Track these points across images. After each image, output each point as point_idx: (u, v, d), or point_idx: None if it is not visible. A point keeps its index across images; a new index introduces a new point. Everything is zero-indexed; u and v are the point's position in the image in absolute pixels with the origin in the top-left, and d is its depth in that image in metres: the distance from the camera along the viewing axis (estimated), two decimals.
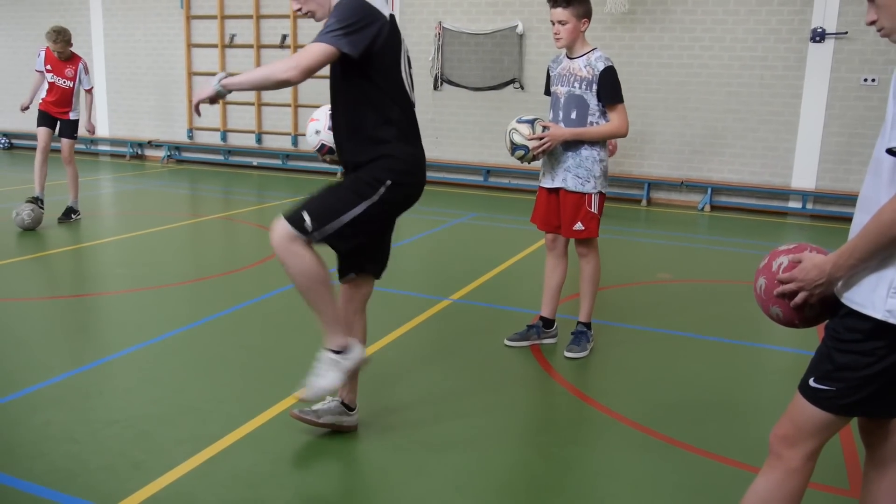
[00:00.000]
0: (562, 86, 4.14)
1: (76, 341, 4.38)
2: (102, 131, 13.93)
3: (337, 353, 2.98)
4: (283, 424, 3.30)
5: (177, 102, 13.21)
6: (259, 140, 12.61)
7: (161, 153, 13.33)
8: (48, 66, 7.46)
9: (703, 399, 3.77)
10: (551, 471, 3.06)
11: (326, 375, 2.96)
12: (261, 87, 2.89)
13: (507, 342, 4.43)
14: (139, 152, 13.61)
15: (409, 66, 3.16)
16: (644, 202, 10.09)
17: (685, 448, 3.23)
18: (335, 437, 3.24)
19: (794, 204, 9.64)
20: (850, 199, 9.26)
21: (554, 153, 4.16)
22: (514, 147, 4.08)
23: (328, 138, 3.28)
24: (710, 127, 9.86)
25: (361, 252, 3.13)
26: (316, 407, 3.25)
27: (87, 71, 7.60)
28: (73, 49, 7.55)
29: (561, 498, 2.85)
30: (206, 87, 2.85)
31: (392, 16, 3.00)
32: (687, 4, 9.71)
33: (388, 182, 2.93)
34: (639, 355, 4.37)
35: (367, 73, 2.91)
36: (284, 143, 12.29)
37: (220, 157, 12.99)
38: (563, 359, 4.23)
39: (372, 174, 2.93)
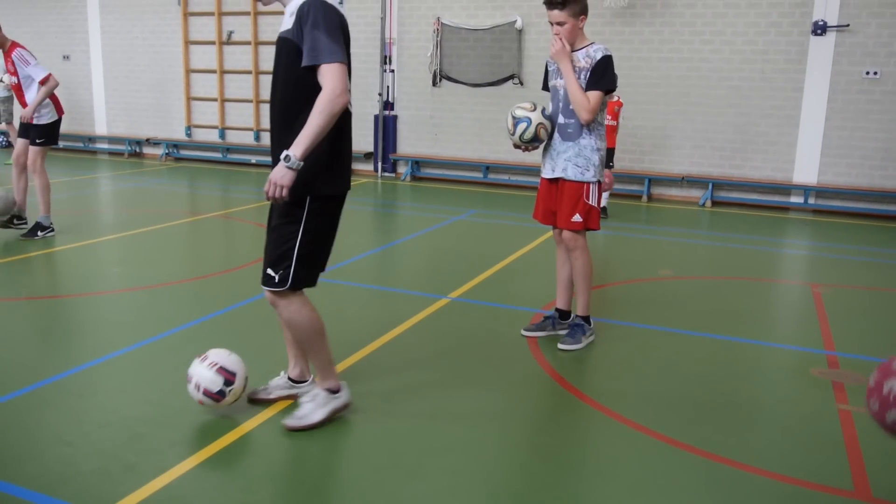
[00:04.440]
0: (561, 79, 4.13)
1: (71, 341, 4.33)
2: (100, 129, 13.90)
3: (332, 392, 3.26)
4: (279, 427, 3.25)
5: (174, 100, 13.17)
6: (257, 137, 12.56)
7: (159, 151, 13.29)
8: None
9: (704, 398, 3.72)
10: (550, 472, 3.02)
11: (318, 412, 3.23)
12: (325, 128, 2.81)
13: (523, 332, 4.49)
14: (137, 150, 13.57)
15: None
16: (644, 198, 10.03)
17: (686, 448, 3.19)
18: (329, 439, 3.20)
19: (796, 199, 9.58)
20: (853, 194, 9.23)
21: (553, 144, 4.20)
22: (517, 121, 4.10)
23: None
24: (711, 122, 9.80)
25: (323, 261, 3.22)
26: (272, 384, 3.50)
27: (24, 61, 6.51)
28: (10, 38, 6.70)
29: (560, 500, 2.80)
30: (282, 172, 2.80)
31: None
32: None
33: (309, 197, 2.97)
34: (640, 353, 4.32)
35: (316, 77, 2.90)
36: None
37: (218, 155, 12.94)
38: (563, 358, 4.19)
39: (294, 192, 2.90)
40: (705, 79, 9.74)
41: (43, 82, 6.52)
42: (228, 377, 3.24)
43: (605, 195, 9.25)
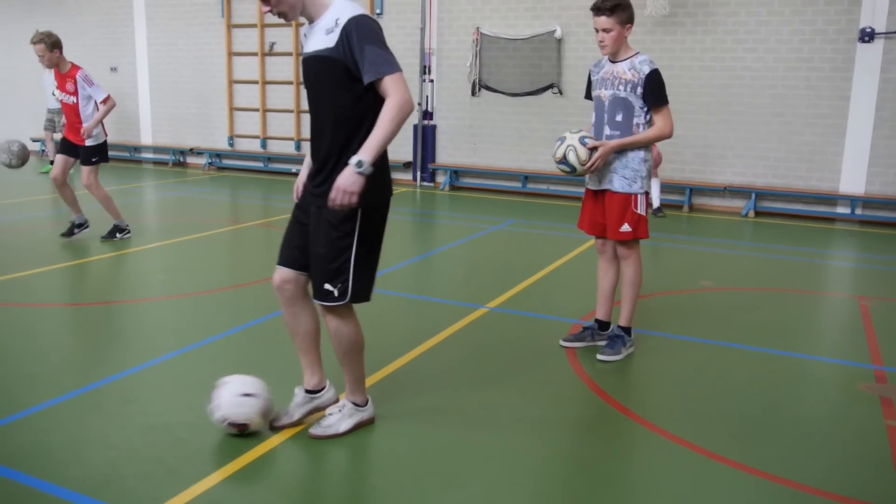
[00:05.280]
0: (605, 89, 4.12)
1: (116, 347, 4.41)
2: (146, 139, 14.18)
3: (358, 406, 3.31)
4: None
5: (217, 110, 13.39)
6: (298, 147, 12.70)
7: (202, 160, 13.52)
8: (55, 83, 6.87)
9: (747, 412, 3.66)
10: (589, 484, 2.99)
11: (345, 422, 3.27)
12: (394, 135, 2.85)
13: (561, 342, 4.47)
14: (181, 160, 13.82)
15: None
16: (686, 208, 9.91)
17: (728, 463, 3.13)
18: (367, 447, 3.21)
19: (843, 209, 9.38)
20: None
21: None
22: (565, 162, 4.06)
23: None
24: (754, 131, 9.66)
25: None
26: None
27: (89, 81, 6.74)
28: (69, 59, 6.84)
29: None
30: (352, 179, 2.79)
31: None
32: (730, 6, 9.53)
33: (360, 210, 2.97)
34: (680, 365, 4.27)
35: (369, 90, 2.90)
36: None
37: (259, 164, 13.12)
38: (602, 369, 4.15)
39: (341, 212, 2.92)
40: (748, 87, 9.60)
41: (104, 102, 6.77)
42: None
43: (656, 192, 9.15)
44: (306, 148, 12.58)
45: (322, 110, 3.00)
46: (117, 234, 7.14)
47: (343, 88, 2.90)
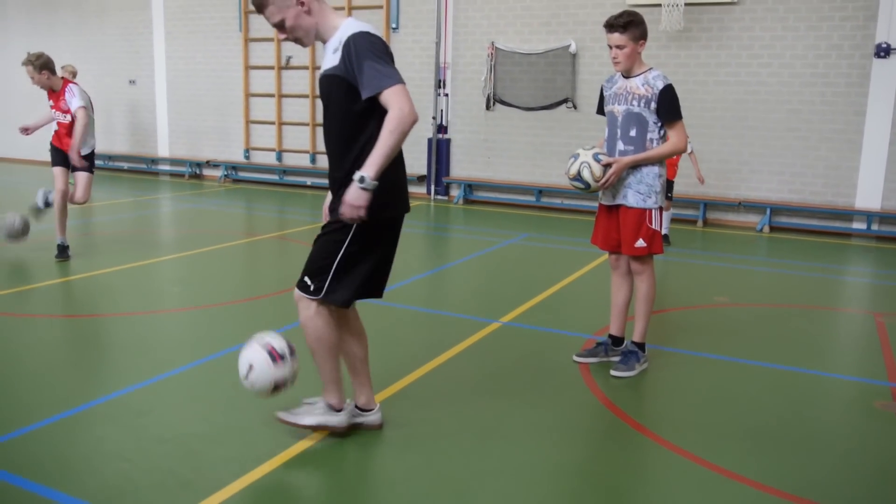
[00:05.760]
0: (619, 104, 4.13)
1: (131, 358, 4.44)
2: (163, 151, 14.31)
3: (331, 407, 3.33)
4: (331, 447, 3.29)
5: (234, 123, 13.50)
6: (313, 160, 12.78)
7: (218, 172, 13.62)
8: (50, 102, 6.78)
9: (762, 429, 3.63)
10: (601, 500, 2.98)
11: (309, 417, 3.32)
12: (396, 147, 2.86)
13: (575, 358, 4.47)
14: (197, 171, 13.93)
15: None
16: (700, 223, 9.88)
17: (742, 480, 3.11)
18: (381, 461, 3.22)
19: (859, 225, 9.33)
20: None
21: None
22: (579, 178, 4.07)
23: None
24: (769, 146, 9.63)
25: (371, 285, 3.22)
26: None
27: (72, 93, 6.63)
28: (63, 75, 6.73)
29: None
30: (357, 194, 2.82)
31: None
32: (745, 21, 9.54)
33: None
34: (694, 381, 4.25)
35: (376, 106, 2.91)
36: None
37: (275, 177, 13.20)
38: (615, 385, 4.14)
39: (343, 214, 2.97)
40: (764, 103, 9.58)
41: (67, 112, 6.63)
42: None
43: (666, 221, 9.13)
44: (321, 161, 12.68)
45: (335, 127, 3.05)
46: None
47: (351, 105, 2.94)
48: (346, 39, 2.88)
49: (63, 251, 6.80)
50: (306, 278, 3.14)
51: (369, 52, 2.85)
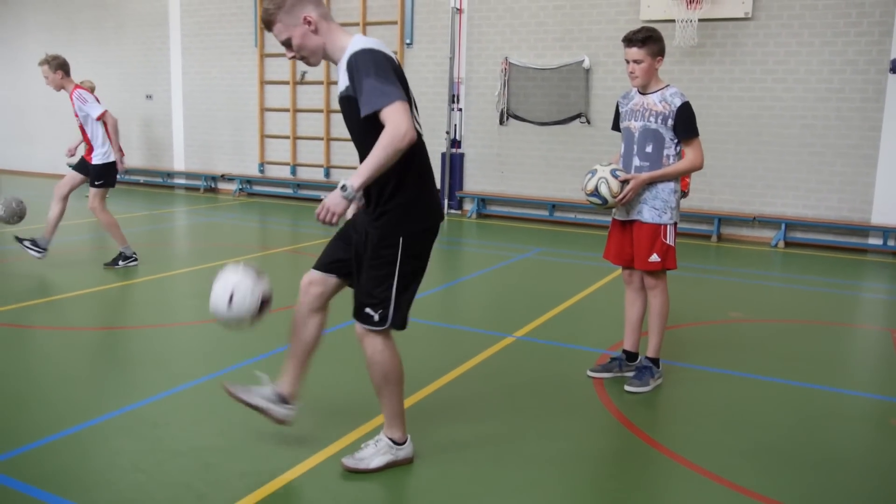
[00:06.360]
0: (635, 120, 4.15)
1: (147, 371, 4.47)
2: (178, 165, 14.43)
3: (395, 443, 3.25)
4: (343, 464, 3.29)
5: (249, 137, 13.60)
6: (327, 174, 12.85)
7: (233, 186, 13.71)
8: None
9: (778, 446, 3.61)
10: None
11: (377, 458, 3.23)
12: (387, 165, 2.79)
13: (589, 373, 4.46)
14: (212, 185, 14.03)
15: (415, 104, 3.10)
16: (714, 238, 9.85)
17: (757, 498, 3.09)
18: (393, 479, 3.21)
19: (875, 241, 9.27)
20: None
21: None
22: (596, 194, 4.07)
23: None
24: (784, 161, 9.60)
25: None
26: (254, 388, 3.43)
27: (83, 99, 6.73)
28: (75, 78, 6.93)
29: None
30: (337, 201, 2.77)
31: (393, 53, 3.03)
32: (758, 37, 9.54)
33: (401, 238, 3.02)
34: (709, 398, 4.23)
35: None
36: None
37: (289, 191, 13.27)
38: (630, 401, 4.12)
39: (384, 239, 3.01)
40: (778, 118, 9.56)
41: (99, 118, 6.73)
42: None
43: None
44: (336, 175, 12.76)
45: (358, 145, 3.06)
46: (120, 262, 6.98)
47: (366, 124, 2.89)
48: (349, 58, 2.87)
49: (27, 242, 6.90)
50: (368, 309, 3.06)
51: (370, 69, 2.81)
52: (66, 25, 15.39)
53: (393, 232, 3.01)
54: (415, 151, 2.94)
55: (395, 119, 2.74)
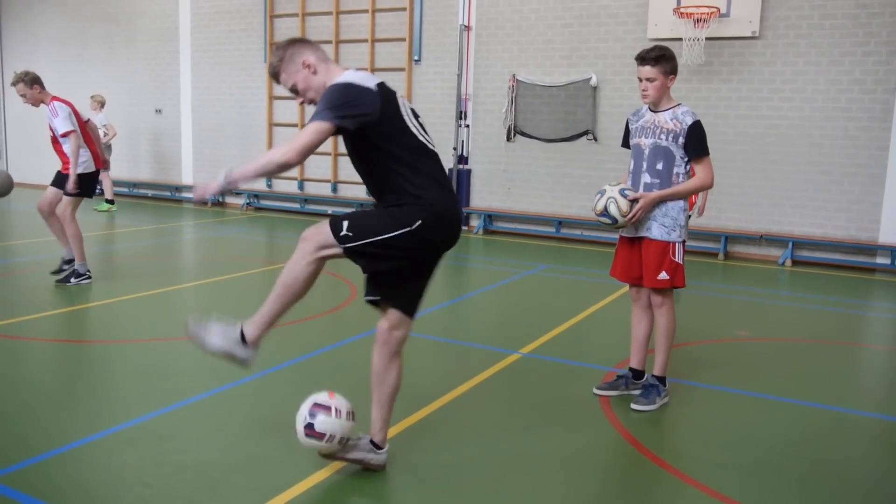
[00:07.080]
0: (646, 137, 4.16)
1: (153, 384, 4.48)
2: (187, 179, 14.50)
3: (244, 342, 3.38)
4: (351, 478, 3.29)
5: (257, 152, 13.66)
6: (335, 189, 12.89)
7: (241, 201, 13.76)
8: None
9: (786, 466, 3.59)
10: None
11: (214, 336, 3.40)
12: (264, 174, 3.01)
13: (595, 391, 4.45)
14: (220, 199, 14.08)
15: (418, 118, 3.23)
16: (721, 256, 9.84)
17: None
18: (399, 492, 3.21)
19: (883, 260, 9.24)
20: None
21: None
22: (606, 214, 4.09)
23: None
24: (791, 179, 9.60)
25: (388, 281, 3.31)
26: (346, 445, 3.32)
27: (55, 112, 6.64)
28: (52, 91, 6.91)
29: None
30: (214, 183, 3.05)
31: (381, 84, 3.11)
32: (766, 56, 9.56)
33: (420, 221, 3.08)
34: (716, 416, 4.21)
35: (377, 143, 3.06)
36: (359, 192, 12.50)
37: (296, 206, 13.32)
38: (636, 419, 4.11)
39: (408, 211, 3.08)
40: (785, 136, 9.57)
41: (63, 136, 6.64)
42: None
43: None
44: (342, 190, 12.82)
45: (355, 164, 3.23)
46: (72, 279, 6.77)
47: (355, 146, 3.12)
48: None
49: (65, 264, 6.82)
50: (345, 223, 3.04)
51: (325, 98, 2.99)
52: (78, 40, 15.53)
53: (417, 213, 3.08)
54: (386, 170, 3.08)
55: (298, 137, 2.93)
